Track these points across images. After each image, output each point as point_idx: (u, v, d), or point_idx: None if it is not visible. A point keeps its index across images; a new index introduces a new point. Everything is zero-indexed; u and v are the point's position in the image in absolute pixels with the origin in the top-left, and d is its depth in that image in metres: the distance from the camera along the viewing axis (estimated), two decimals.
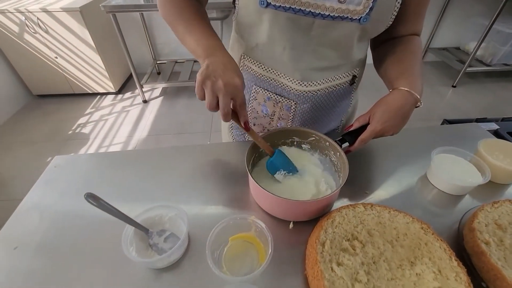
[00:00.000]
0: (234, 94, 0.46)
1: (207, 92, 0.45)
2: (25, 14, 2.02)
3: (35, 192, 0.58)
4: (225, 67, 0.46)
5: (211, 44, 0.50)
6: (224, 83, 0.45)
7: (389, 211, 0.48)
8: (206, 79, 0.45)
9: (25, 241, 0.48)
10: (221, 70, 0.45)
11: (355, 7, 0.49)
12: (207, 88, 0.45)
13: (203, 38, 0.51)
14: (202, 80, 0.45)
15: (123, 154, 0.71)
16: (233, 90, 0.45)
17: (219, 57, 0.48)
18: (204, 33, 0.52)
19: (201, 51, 0.49)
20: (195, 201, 0.56)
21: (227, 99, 0.45)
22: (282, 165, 0.56)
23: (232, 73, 0.46)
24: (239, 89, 0.46)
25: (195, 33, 0.52)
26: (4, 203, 1.61)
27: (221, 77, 0.45)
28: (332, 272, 0.39)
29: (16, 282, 0.43)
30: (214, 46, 0.50)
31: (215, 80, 0.45)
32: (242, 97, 0.47)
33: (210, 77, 0.45)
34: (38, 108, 2.45)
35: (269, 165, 0.56)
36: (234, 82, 0.45)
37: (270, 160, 0.56)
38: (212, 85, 0.45)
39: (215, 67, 0.46)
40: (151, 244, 0.46)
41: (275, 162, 0.56)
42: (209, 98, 0.46)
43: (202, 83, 0.45)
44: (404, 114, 0.54)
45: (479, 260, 0.42)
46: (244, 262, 0.46)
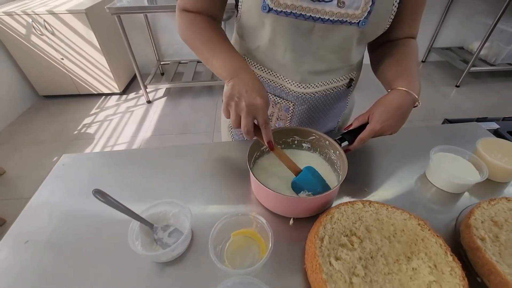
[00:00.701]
0: (256, 114, 0.49)
1: (231, 112, 0.49)
2: (32, 16, 2.06)
3: (45, 189, 0.60)
4: (248, 87, 0.49)
5: (235, 66, 0.53)
6: (247, 103, 0.48)
7: (387, 208, 0.49)
8: (230, 100, 0.49)
9: (36, 236, 0.50)
10: (244, 91, 0.48)
11: (353, 11, 0.50)
12: (231, 108, 0.49)
13: (228, 60, 0.54)
14: (227, 101, 0.49)
15: (128, 152, 0.73)
16: (254, 109, 0.48)
17: (243, 78, 0.50)
18: (228, 55, 0.54)
19: (227, 73, 0.52)
20: (198, 198, 0.58)
21: (248, 119, 0.48)
22: (306, 186, 0.53)
23: (255, 93, 0.49)
24: (260, 109, 0.48)
25: (220, 56, 0.55)
26: (12, 202, 1.64)
27: (244, 97, 0.48)
28: (330, 266, 0.41)
29: (28, 274, 0.45)
30: (239, 68, 0.52)
31: (238, 101, 0.48)
32: (264, 116, 0.49)
33: (234, 98, 0.49)
34: (44, 108, 2.49)
35: (293, 184, 0.55)
36: (255, 102, 0.48)
37: (293, 180, 0.54)
38: (236, 105, 0.48)
39: (239, 88, 0.49)
40: (156, 239, 0.48)
41: (299, 183, 0.54)
42: (232, 117, 0.49)
43: (227, 104, 0.49)
44: (402, 113, 0.55)
45: (474, 256, 0.43)
46: (246, 257, 0.47)
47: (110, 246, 0.49)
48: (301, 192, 0.54)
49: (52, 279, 0.45)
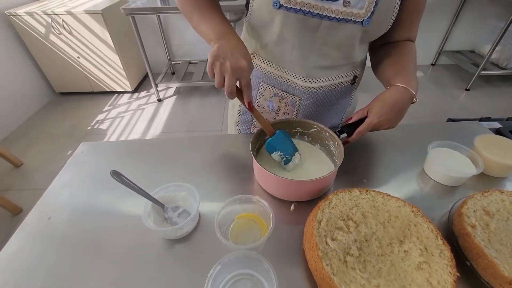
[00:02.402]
0: (240, 75, 0.50)
1: (216, 72, 0.50)
2: (52, 16, 2.16)
3: (65, 173, 0.65)
4: (233, 50, 0.51)
5: (223, 29, 0.55)
6: (231, 65, 0.49)
7: (383, 196, 0.52)
8: (216, 60, 0.50)
9: (58, 213, 0.55)
10: (230, 53, 0.50)
11: (358, 10, 0.54)
12: (216, 68, 0.50)
13: (216, 24, 0.57)
14: (212, 61, 0.50)
15: (141, 142, 0.78)
16: (239, 71, 0.50)
17: (229, 41, 0.53)
18: (217, 20, 0.57)
19: (213, 35, 0.54)
20: (205, 184, 0.61)
21: (232, 79, 0.50)
22: (279, 147, 0.60)
23: (240, 55, 0.50)
24: (244, 71, 0.50)
25: (209, 20, 0.57)
26: (28, 192, 1.72)
27: (229, 59, 0.49)
28: (326, 245, 0.44)
29: (51, 247, 0.50)
30: (226, 31, 0.55)
31: (223, 62, 0.49)
32: (247, 78, 0.52)
33: (219, 58, 0.49)
34: (60, 105, 2.59)
35: (267, 144, 0.60)
36: (240, 64, 0.50)
37: (268, 140, 0.60)
38: (221, 66, 0.50)
39: (225, 50, 0.50)
40: (166, 218, 0.52)
41: (273, 142, 0.60)
42: (217, 77, 0.51)
43: (212, 64, 0.50)
44: (400, 109, 0.58)
45: (464, 241, 0.45)
46: (248, 237, 0.51)
47: (125, 223, 0.53)
48: (274, 152, 0.60)
49: (72, 253, 0.49)
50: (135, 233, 0.52)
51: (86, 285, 0.45)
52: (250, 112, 0.57)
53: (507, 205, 0.50)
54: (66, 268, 0.47)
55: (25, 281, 0.45)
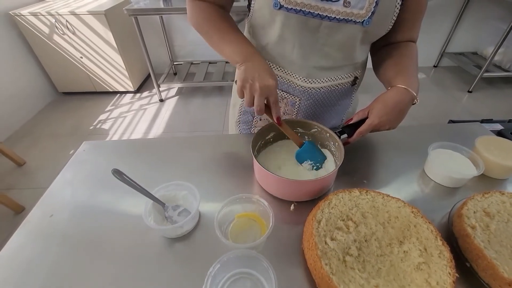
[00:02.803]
0: (268, 94, 0.53)
1: (246, 93, 0.54)
2: (55, 16, 2.17)
3: (68, 171, 0.65)
4: (260, 70, 0.54)
5: (246, 51, 0.57)
6: (260, 85, 0.52)
7: (383, 197, 0.52)
8: (245, 83, 0.53)
9: (59, 211, 0.56)
10: (257, 74, 0.53)
11: (358, 11, 0.54)
12: (246, 90, 0.53)
13: (238, 46, 0.59)
14: (241, 84, 0.54)
15: (143, 141, 0.79)
16: (267, 90, 0.53)
17: (255, 62, 0.55)
18: (239, 41, 0.59)
19: (238, 58, 0.57)
20: (206, 183, 0.62)
21: (261, 99, 0.53)
22: (310, 157, 0.62)
23: (268, 75, 0.53)
24: (272, 89, 0.53)
25: (231, 42, 0.59)
26: (31, 191, 1.73)
27: (257, 80, 0.52)
28: (325, 245, 0.44)
29: (53, 245, 0.50)
30: (249, 52, 0.57)
31: (252, 83, 0.53)
32: (275, 96, 0.54)
33: (248, 80, 0.53)
34: (63, 104, 2.61)
35: (297, 155, 0.62)
36: (268, 83, 0.53)
37: (298, 151, 0.62)
38: (250, 87, 0.53)
39: (252, 72, 0.53)
40: (167, 217, 0.52)
41: (303, 153, 0.62)
42: (247, 98, 0.54)
43: (242, 86, 0.54)
44: (400, 110, 0.58)
45: (464, 242, 0.45)
46: (248, 237, 0.51)
47: (126, 222, 0.54)
48: (304, 162, 0.61)
49: (74, 250, 0.50)
50: (136, 231, 0.52)
51: (87, 282, 0.45)
52: (279, 127, 0.59)
53: (507, 206, 0.50)
54: (67, 266, 0.47)
55: (26, 278, 0.45)
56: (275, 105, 0.55)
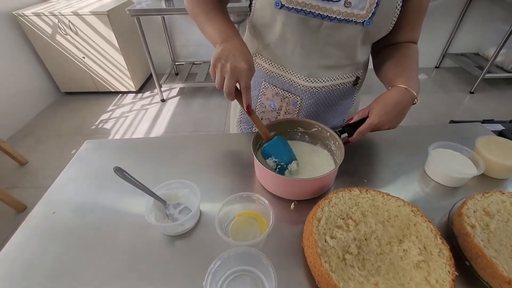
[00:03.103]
0: (239, 77, 0.52)
1: (217, 72, 0.52)
2: (58, 17, 2.19)
3: (70, 169, 0.66)
4: (236, 52, 0.52)
5: (227, 32, 0.57)
6: (231, 66, 0.51)
7: (383, 195, 0.52)
8: (217, 62, 0.51)
9: (62, 208, 0.56)
10: (232, 55, 0.52)
11: (359, 11, 0.54)
12: (217, 69, 0.52)
13: (221, 27, 0.58)
14: (214, 62, 0.52)
15: (144, 140, 0.79)
16: (238, 73, 0.51)
17: (232, 43, 0.54)
18: (223, 23, 0.59)
19: (218, 38, 0.56)
20: (207, 182, 0.62)
21: (231, 80, 0.51)
22: (274, 153, 0.59)
23: (241, 58, 0.52)
24: (244, 73, 0.52)
25: (215, 23, 0.59)
26: (33, 190, 1.74)
27: (230, 61, 0.51)
28: (325, 243, 0.44)
29: (55, 240, 0.51)
30: (230, 34, 0.57)
31: (224, 63, 0.51)
32: (246, 81, 0.52)
33: (221, 60, 0.51)
34: (65, 104, 2.63)
35: (263, 150, 0.61)
36: (240, 66, 0.51)
37: (264, 146, 0.60)
38: (222, 67, 0.51)
39: (227, 52, 0.52)
40: (168, 214, 0.53)
41: (268, 148, 0.60)
42: (217, 78, 0.52)
43: (214, 65, 0.52)
44: (401, 109, 0.58)
45: (464, 241, 0.46)
46: (248, 235, 0.51)
47: (127, 219, 0.54)
48: (269, 159, 0.60)
49: (76, 246, 0.50)
50: (137, 229, 0.52)
51: (88, 277, 0.45)
52: (248, 115, 0.57)
53: (507, 206, 0.50)
54: (69, 261, 0.48)
55: (30, 272, 0.46)
56: (246, 91, 0.53)
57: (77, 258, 0.48)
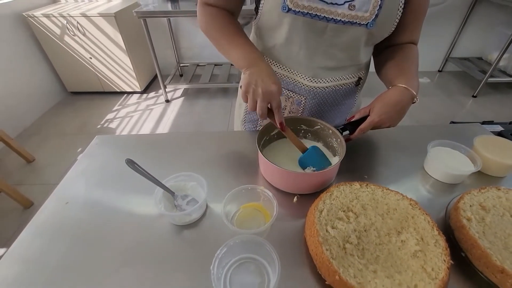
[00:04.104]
0: (271, 99, 0.56)
1: (249, 97, 0.57)
2: (67, 18, 2.24)
3: (81, 163, 0.69)
4: (264, 76, 0.56)
5: (252, 57, 0.60)
6: (263, 90, 0.55)
7: (382, 190, 0.54)
8: (248, 87, 0.56)
9: (75, 198, 0.59)
10: (261, 79, 0.56)
11: (363, 13, 0.56)
12: (249, 94, 0.56)
13: (244, 51, 0.61)
14: (245, 89, 0.56)
15: (153, 136, 0.82)
16: (269, 95, 0.55)
17: (259, 68, 0.58)
18: (246, 47, 0.62)
19: (244, 63, 0.59)
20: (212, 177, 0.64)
21: (264, 103, 0.56)
22: (312, 162, 0.62)
23: (270, 81, 0.56)
24: (275, 95, 0.56)
25: (238, 47, 0.62)
26: (39, 187, 1.78)
27: (260, 85, 0.55)
28: (326, 232, 0.46)
29: (69, 230, 0.53)
30: (256, 58, 0.60)
31: (255, 88, 0.55)
32: (277, 101, 0.57)
33: (252, 85, 0.56)
34: (72, 104, 2.67)
35: (300, 161, 0.63)
36: (270, 89, 0.55)
37: (300, 157, 0.63)
38: (253, 92, 0.56)
39: (256, 77, 0.56)
40: (176, 205, 0.55)
41: (304, 159, 0.62)
42: (250, 102, 0.57)
43: (246, 91, 0.56)
44: (401, 108, 0.60)
45: (460, 233, 0.47)
46: (252, 226, 0.53)
47: (137, 209, 0.57)
48: (307, 168, 0.61)
49: (87, 235, 0.52)
50: (145, 220, 0.55)
51: (100, 263, 0.48)
52: (282, 132, 0.61)
53: (503, 201, 0.52)
54: (80, 249, 0.50)
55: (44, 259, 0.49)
56: (278, 110, 0.57)
57: (88, 246, 0.51)
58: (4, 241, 1.45)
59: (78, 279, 0.46)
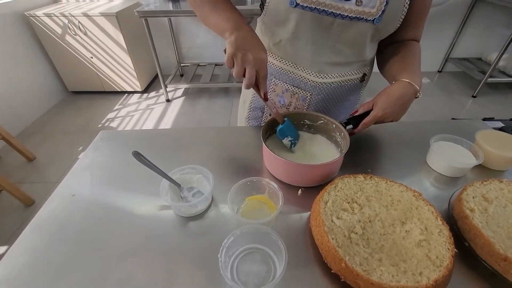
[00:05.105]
0: (259, 67, 0.54)
1: (237, 62, 0.53)
2: (69, 18, 2.25)
3: (86, 157, 0.69)
4: (253, 41, 0.54)
5: (237, 20, 0.58)
6: (253, 57, 0.53)
7: (386, 182, 0.55)
8: (237, 51, 0.52)
9: (81, 191, 0.60)
10: (250, 44, 0.53)
11: (370, 9, 0.57)
12: (237, 59, 0.53)
13: (230, 15, 0.59)
14: (233, 52, 0.52)
15: (157, 131, 0.82)
16: (259, 63, 0.54)
17: (246, 32, 0.55)
18: (230, 11, 0.60)
19: (228, 25, 0.56)
20: (217, 170, 0.65)
21: (253, 71, 0.54)
22: (289, 132, 0.65)
23: (259, 48, 0.54)
24: (264, 63, 0.54)
25: (222, 11, 0.59)
26: (41, 185, 1.78)
27: (250, 51, 0.53)
28: (332, 222, 0.47)
29: (75, 221, 0.54)
30: (241, 22, 0.57)
31: (244, 53, 0.52)
32: (265, 70, 0.55)
33: (240, 49, 0.52)
34: (72, 103, 2.68)
35: (280, 131, 0.64)
36: (261, 56, 0.54)
37: (280, 127, 0.64)
38: (242, 57, 0.52)
39: (244, 41, 0.53)
40: (182, 197, 0.55)
41: (285, 129, 0.64)
42: (237, 68, 0.53)
43: (233, 54, 0.52)
44: (404, 103, 0.61)
45: (463, 223, 0.48)
46: (258, 218, 0.53)
47: (143, 201, 0.57)
48: (285, 138, 0.65)
49: (94, 228, 0.53)
50: (151, 211, 0.55)
51: (107, 254, 0.48)
52: (265, 102, 0.60)
53: (505, 193, 0.52)
54: (88, 239, 0.51)
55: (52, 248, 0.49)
56: (264, 80, 0.56)
57: (95, 237, 0.51)
58: (6, 239, 1.45)
59: (86, 270, 0.46)
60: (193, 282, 0.44)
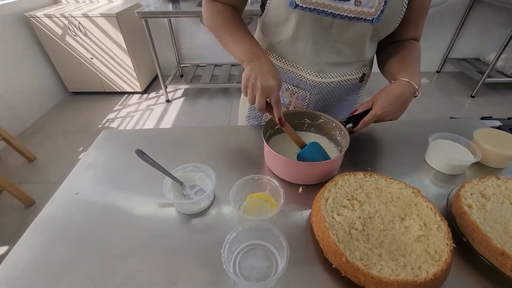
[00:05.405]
0: (269, 94, 0.57)
1: (248, 91, 0.58)
2: (69, 18, 2.25)
3: (89, 156, 0.70)
4: (263, 70, 0.57)
5: (254, 51, 0.61)
6: (262, 85, 0.56)
7: (386, 179, 0.56)
8: (248, 81, 0.57)
9: (84, 189, 0.60)
10: (261, 74, 0.57)
11: (369, 9, 0.58)
12: (249, 88, 0.58)
13: (247, 46, 0.63)
14: (245, 82, 0.58)
15: (158, 130, 0.83)
16: (268, 90, 0.57)
17: (260, 62, 0.59)
18: (249, 42, 0.63)
19: (245, 57, 0.61)
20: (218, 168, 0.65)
21: (262, 98, 0.57)
22: (310, 158, 0.60)
23: (270, 76, 0.57)
24: (273, 89, 0.57)
25: (241, 42, 0.63)
26: (41, 185, 1.78)
27: (259, 79, 0.56)
28: (332, 219, 0.48)
29: (79, 219, 0.55)
30: (257, 53, 0.61)
31: (254, 82, 0.57)
32: (276, 96, 0.58)
33: (251, 79, 0.57)
34: (72, 103, 2.68)
35: (298, 156, 0.62)
36: (269, 84, 0.56)
37: (299, 152, 0.62)
38: (252, 86, 0.57)
39: (256, 71, 0.57)
40: (185, 195, 0.56)
41: (303, 154, 0.61)
42: (249, 96, 0.59)
43: (246, 85, 0.58)
44: (403, 101, 0.62)
45: (461, 219, 0.49)
46: (259, 215, 0.54)
47: (146, 199, 0.58)
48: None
49: (97, 225, 0.53)
50: (154, 209, 0.56)
51: (110, 251, 0.49)
52: (281, 127, 0.62)
53: (503, 190, 0.53)
54: (91, 236, 0.51)
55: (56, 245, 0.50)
56: (276, 105, 0.59)
57: (99, 233, 0.52)
58: (6, 240, 1.45)
59: (87, 270, 0.46)
60: (196, 278, 0.45)
